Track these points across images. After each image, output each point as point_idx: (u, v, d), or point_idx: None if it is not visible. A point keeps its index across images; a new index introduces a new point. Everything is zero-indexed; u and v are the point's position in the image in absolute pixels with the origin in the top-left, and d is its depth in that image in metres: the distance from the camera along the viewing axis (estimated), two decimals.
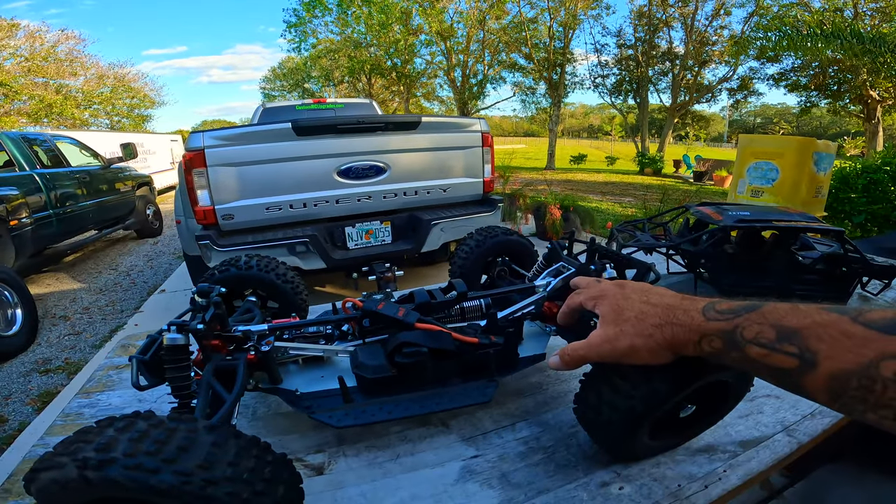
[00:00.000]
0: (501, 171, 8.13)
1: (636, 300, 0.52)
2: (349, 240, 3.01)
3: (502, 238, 1.03)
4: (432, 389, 0.64)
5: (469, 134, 3.25)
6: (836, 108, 17.85)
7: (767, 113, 57.92)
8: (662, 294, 0.52)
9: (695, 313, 0.46)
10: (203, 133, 2.61)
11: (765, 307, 0.42)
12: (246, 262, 0.85)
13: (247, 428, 0.74)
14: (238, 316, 0.76)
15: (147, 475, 0.35)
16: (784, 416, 0.70)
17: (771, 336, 0.39)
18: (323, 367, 0.71)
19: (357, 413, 0.61)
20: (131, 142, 6.45)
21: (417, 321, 0.63)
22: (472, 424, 0.70)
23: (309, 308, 0.96)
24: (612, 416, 0.53)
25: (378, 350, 0.65)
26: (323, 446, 0.68)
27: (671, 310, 0.48)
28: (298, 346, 0.67)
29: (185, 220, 3.13)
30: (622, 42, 19.35)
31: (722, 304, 0.45)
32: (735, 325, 0.42)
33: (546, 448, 0.64)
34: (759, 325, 0.41)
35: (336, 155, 2.86)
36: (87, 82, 21.33)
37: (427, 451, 0.65)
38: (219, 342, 0.64)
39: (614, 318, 0.51)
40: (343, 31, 18.26)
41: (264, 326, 0.65)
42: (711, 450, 0.63)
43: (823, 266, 1.14)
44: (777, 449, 0.63)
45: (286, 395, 0.65)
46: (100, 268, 5.61)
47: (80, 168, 5.52)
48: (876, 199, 4.66)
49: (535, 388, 0.78)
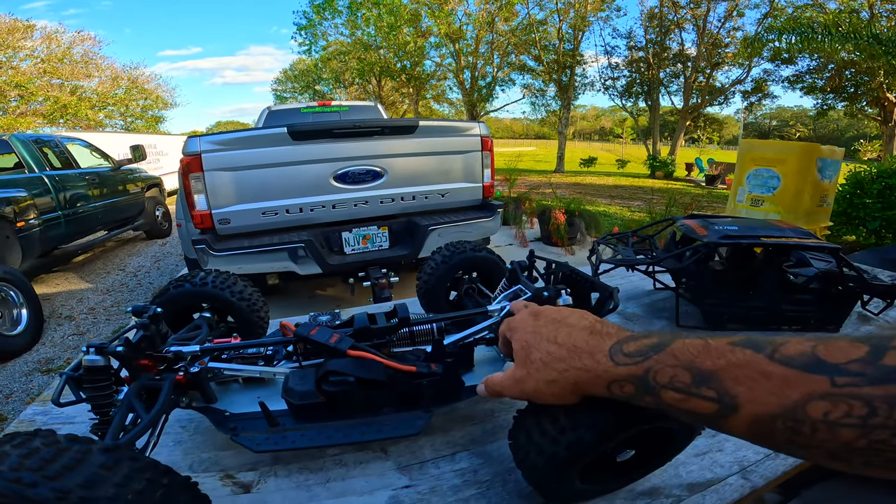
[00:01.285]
0: (507, 174, 8.09)
1: (544, 337, 0.49)
2: (346, 245, 3.00)
3: (470, 254, 1.00)
4: (363, 418, 0.61)
5: (468, 138, 3.21)
6: (853, 111, 17.49)
7: (783, 116, 56.99)
8: (572, 328, 0.48)
9: (601, 357, 0.43)
10: (200, 138, 2.63)
11: (674, 346, 0.39)
12: (201, 278, 0.84)
13: (188, 441, 0.73)
14: (185, 333, 0.75)
15: (24, 488, 0.36)
16: (744, 454, 0.66)
17: (686, 380, 0.37)
18: (263, 388, 0.70)
19: (277, 438, 0.59)
20: (140, 143, 6.53)
21: (350, 348, 0.60)
22: (411, 452, 0.67)
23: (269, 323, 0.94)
24: (538, 459, 0.50)
25: (311, 375, 0.63)
26: (257, 464, 0.67)
27: (576, 353, 0.45)
28: (233, 368, 0.65)
29: (185, 224, 3.15)
30: (633, 44, 19.20)
31: (630, 345, 0.43)
32: (646, 368, 0.40)
33: (482, 483, 0.61)
34: (671, 367, 0.38)
35: (333, 160, 2.86)
36: (102, 83, 21.67)
37: (359, 478, 0.63)
38: (149, 362, 0.63)
39: (523, 358, 0.49)
40: (353, 33, 18.38)
41: (196, 347, 0.63)
42: (655, 493, 0.59)
43: (818, 285, 1.08)
44: (725, 494, 0.59)
45: (214, 416, 0.64)
46: (108, 268, 5.69)
47: (90, 170, 5.60)
48: (891, 205, 4.52)
49: (486, 415, 0.75)
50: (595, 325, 0.48)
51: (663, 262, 1.17)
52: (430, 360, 0.66)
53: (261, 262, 2.69)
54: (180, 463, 0.69)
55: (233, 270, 0.91)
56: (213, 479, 0.65)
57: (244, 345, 0.66)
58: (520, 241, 5.75)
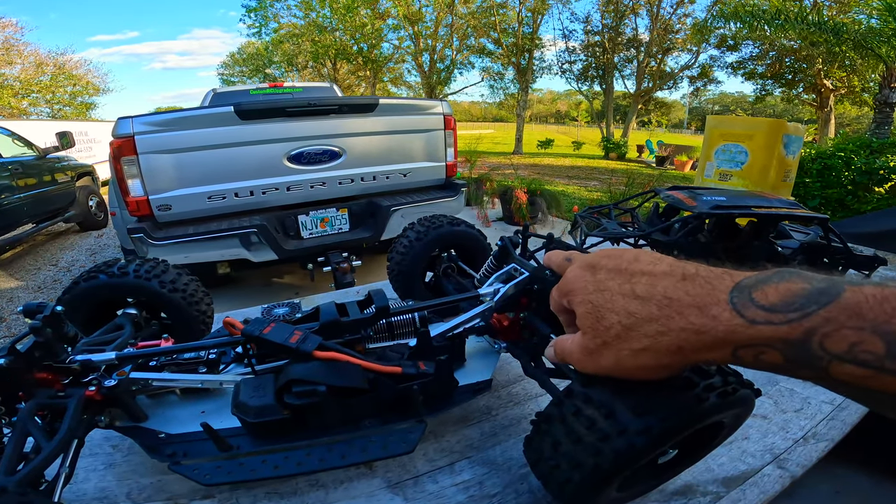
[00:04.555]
0: (467, 156, 8.04)
1: (616, 291, 0.36)
2: (303, 229, 2.84)
3: (448, 229, 0.87)
4: (341, 434, 0.48)
5: (430, 116, 3.11)
6: (791, 97, 18.55)
7: (725, 101, 59.79)
8: (654, 276, 0.36)
9: (718, 309, 0.31)
10: (132, 119, 2.37)
11: (847, 294, 0.27)
12: (120, 267, 0.67)
13: (122, 464, 0.59)
14: (100, 335, 0.59)
15: None
16: (773, 441, 0.58)
17: (878, 349, 0.25)
18: (209, 400, 0.55)
19: (231, 467, 0.45)
20: (68, 130, 6.02)
21: (317, 348, 0.47)
22: (401, 465, 0.56)
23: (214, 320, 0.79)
24: (573, 474, 0.39)
25: (269, 383, 0.49)
26: (213, 490, 0.53)
27: (674, 307, 0.33)
28: (165, 378, 0.50)
29: (119, 212, 2.87)
30: (589, 28, 19.44)
31: (767, 291, 0.30)
32: (807, 330, 0.27)
33: (491, 497, 0.50)
34: (853, 330, 0.26)
35: (285, 139, 2.68)
36: (25, 70, 20.45)
37: (342, 502, 0.51)
38: (48, 375, 0.47)
39: (593, 325, 0.37)
40: (307, 14, 17.58)
41: (111, 355, 0.48)
42: (690, 492, 0.51)
43: (804, 256, 1.04)
44: (766, 487, 0.51)
45: (144, 439, 0.49)
46: (39, 264, 5.26)
47: (12, 159, 5.17)
48: (830, 184, 4.80)
49: (483, 413, 0.64)
50: (679, 267, 0.35)
51: (652, 235, 1.10)
52: (415, 358, 0.53)
53: (209, 249, 2.49)
54: (115, 491, 0.55)
55: (178, 260, 0.75)
56: None
57: (176, 349, 0.52)
58: (482, 221, 5.72)
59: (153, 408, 0.56)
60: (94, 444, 0.63)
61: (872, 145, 4.94)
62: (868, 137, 5.71)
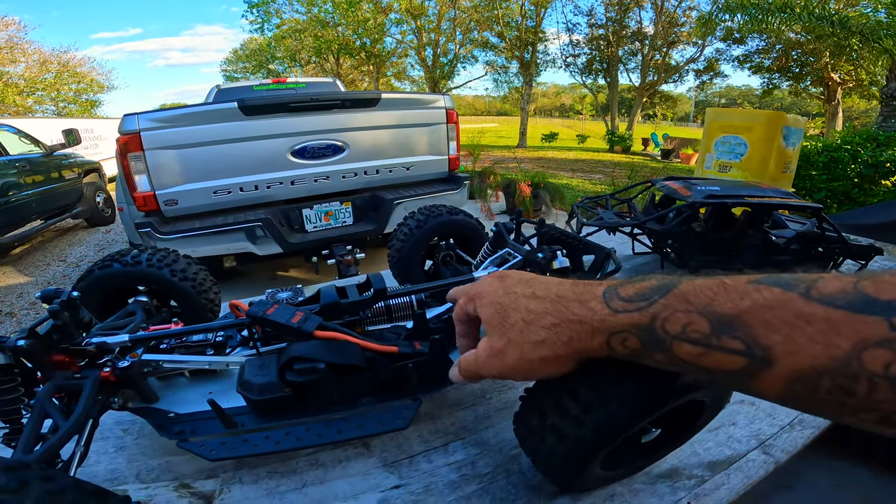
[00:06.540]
0: (471, 150, 8.04)
1: (520, 294, 0.41)
2: (307, 222, 2.87)
3: (446, 218, 0.90)
4: (339, 412, 0.51)
5: (433, 110, 3.13)
6: (798, 90, 18.34)
7: (732, 94, 59.22)
8: (549, 283, 0.41)
9: (594, 303, 0.35)
10: (138, 115, 2.41)
11: (682, 286, 0.31)
12: (133, 256, 0.70)
13: (132, 447, 0.62)
14: (114, 321, 0.62)
15: None
16: (759, 427, 0.61)
17: (703, 328, 0.29)
18: (215, 382, 0.58)
19: (236, 443, 0.48)
20: (74, 128, 6.08)
21: (318, 328, 0.50)
22: (397, 445, 0.58)
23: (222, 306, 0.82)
24: (558, 446, 0.42)
25: (272, 363, 0.52)
26: (217, 470, 0.56)
27: (563, 302, 0.37)
28: (175, 359, 0.53)
29: (127, 208, 2.91)
30: (593, 22, 19.30)
31: (626, 288, 0.35)
32: (651, 315, 0.32)
33: (482, 476, 0.53)
34: (683, 313, 0.30)
35: (289, 134, 2.71)
36: (29, 69, 20.48)
37: (340, 480, 0.54)
38: (66, 357, 0.50)
39: (499, 324, 0.41)
40: (309, 10, 17.56)
41: (125, 337, 0.51)
42: (675, 475, 0.53)
43: (798, 246, 1.05)
44: (750, 471, 0.53)
45: (155, 418, 0.52)
46: (48, 260, 5.32)
47: (20, 156, 5.21)
48: (836, 177, 4.77)
49: (477, 397, 0.66)
50: (571, 280, 0.41)
51: (647, 224, 1.12)
52: (412, 339, 0.56)
53: (215, 243, 2.53)
54: (124, 472, 0.58)
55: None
56: (167, 490, 0.54)
57: (186, 331, 0.55)
58: (486, 214, 5.74)
59: (164, 389, 0.59)
60: (106, 428, 0.65)
61: (879, 138, 4.90)
62: (875, 130, 5.66)
